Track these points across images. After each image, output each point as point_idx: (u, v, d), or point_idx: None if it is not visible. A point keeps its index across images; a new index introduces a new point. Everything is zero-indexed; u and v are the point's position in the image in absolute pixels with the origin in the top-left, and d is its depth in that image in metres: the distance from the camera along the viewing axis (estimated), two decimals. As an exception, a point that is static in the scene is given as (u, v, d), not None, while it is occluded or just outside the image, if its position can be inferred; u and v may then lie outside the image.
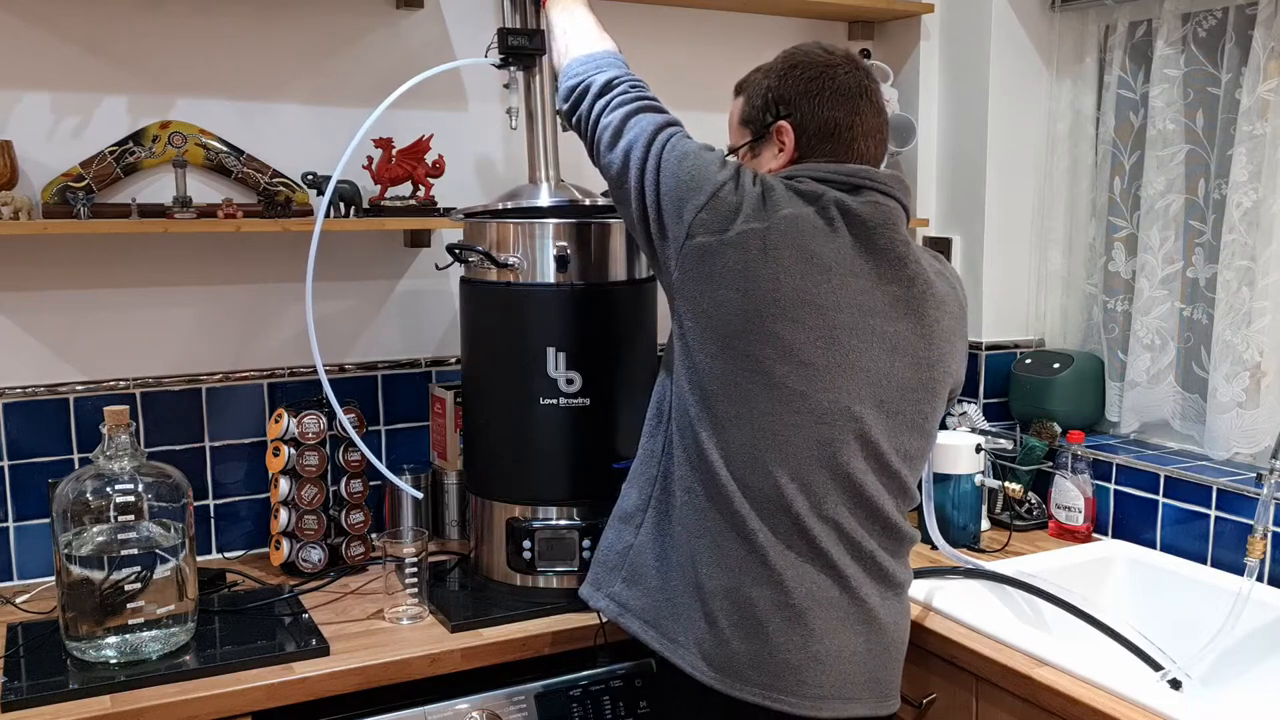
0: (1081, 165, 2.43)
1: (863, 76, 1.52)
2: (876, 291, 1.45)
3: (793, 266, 1.41)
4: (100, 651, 1.59)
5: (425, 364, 2.23)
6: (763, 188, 1.45)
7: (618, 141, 1.53)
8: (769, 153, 1.54)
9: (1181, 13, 2.17)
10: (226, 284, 2.06)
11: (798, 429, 1.42)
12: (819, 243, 1.43)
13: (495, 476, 1.86)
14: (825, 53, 1.53)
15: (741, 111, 1.58)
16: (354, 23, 2.09)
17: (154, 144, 1.93)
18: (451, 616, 1.74)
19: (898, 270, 1.47)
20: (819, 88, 1.49)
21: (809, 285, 1.42)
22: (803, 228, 1.43)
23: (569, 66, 1.64)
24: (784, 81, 1.52)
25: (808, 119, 1.50)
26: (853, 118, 1.49)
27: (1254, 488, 1.95)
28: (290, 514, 1.93)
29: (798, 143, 1.51)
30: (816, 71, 1.50)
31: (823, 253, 1.43)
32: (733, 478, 1.44)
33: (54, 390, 1.94)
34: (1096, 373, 2.37)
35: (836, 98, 1.49)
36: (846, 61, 1.52)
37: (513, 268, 1.78)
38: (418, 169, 2.05)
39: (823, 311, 1.42)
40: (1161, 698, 1.53)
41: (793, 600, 1.43)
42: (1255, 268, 2.05)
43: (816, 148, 1.50)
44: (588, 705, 1.73)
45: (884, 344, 1.45)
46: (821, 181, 1.46)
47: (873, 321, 1.45)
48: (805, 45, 1.56)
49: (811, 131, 1.50)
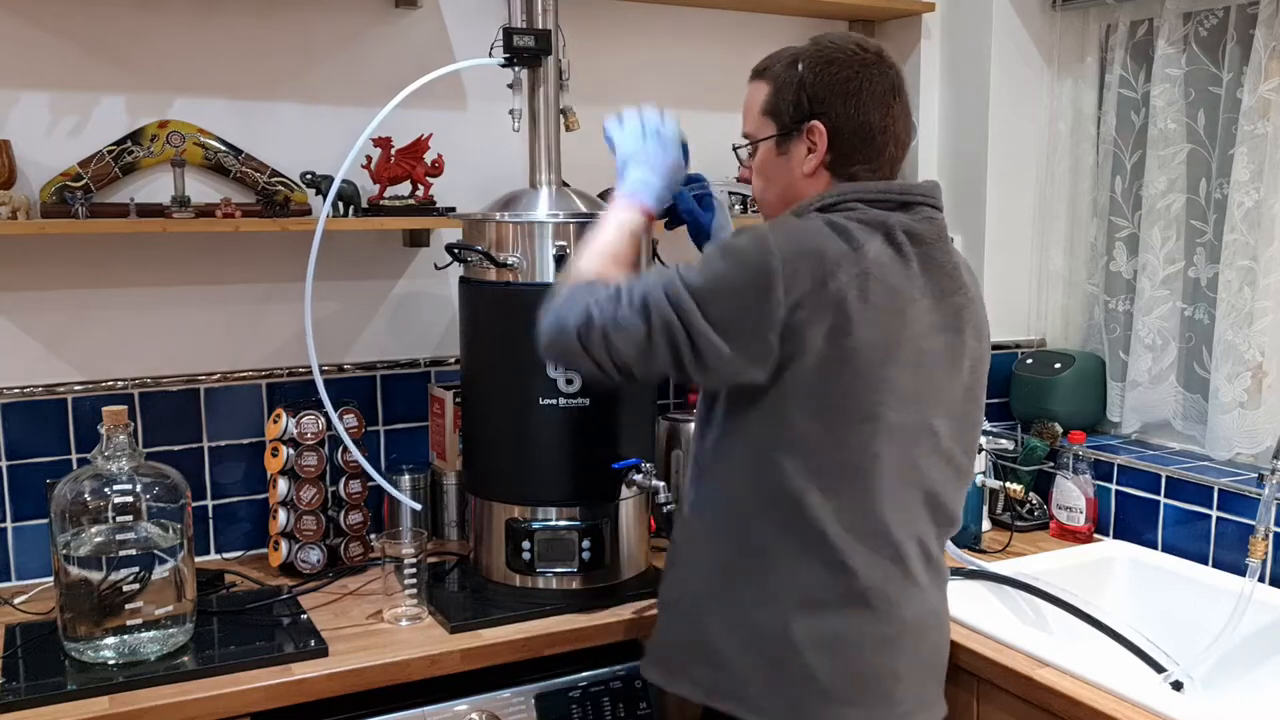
0: (1082, 165, 2.42)
1: (895, 75, 1.47)
2: (939, 307, 1.42)
3: (887, 306, 1.36)
4: (99, 652, 1.58)
5: (424, 364, 2.23)
6: (833, 229, 1.37)
7: (631, 313, 1.38)
8: (798, 151, 1.46)
9: (1183, 12, 2.17)
10: (225, 284, 2.06)
11: (899, 460, 1.39)
12: (898, 275, 1.38)
13: (494, 477, 1.85)
14: (860, 49, 1.46)
15: (767, 101, 1.49)
16: (352, 22, 2.09)
17: (152, 143, 1.92)
18: (451, 617, 1.73)
19: (952, 282, 1.44)
20: (856, 88, 1.43)
21: (901, 321, 1.37)
22: (885, 263, 1.37)
23: (567, 294, 1.45)
24: (820, 77, 1.44)
25: (843, 121, 1.43)
26: (886, 121, 1.45)
27: (1255, 488, 1.94)
28: (289, 515, 1.92)
29: (831, 145, 1.44)
30: (854, 70, 1.44)
31: (903, 285, 1.38)
32: (843, 527, 1.38)
33: (52, 390, 1.93)
34: (1098, 373, 2.37)
35: (873, 99, 1.43)
36: (880, 59, 1.46)
37: (512, 267, 1.77)
38: (416, 168, 2.04)
39: (912, 340, 1.38)
40: (1163, 699, 1.53)
41: (889, 626, 1.41)
42: (1257, 267, 2.05)
43: (850, 153, 1.44)
44: (587, 706, 1.72)
45: (950, 356, 1.43)
46: (875, 204, 1.41)
47: (942, 337, 1.42)
48: (835, 37, 1.49)
49: (847, 134, 1.44)
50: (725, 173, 2.40)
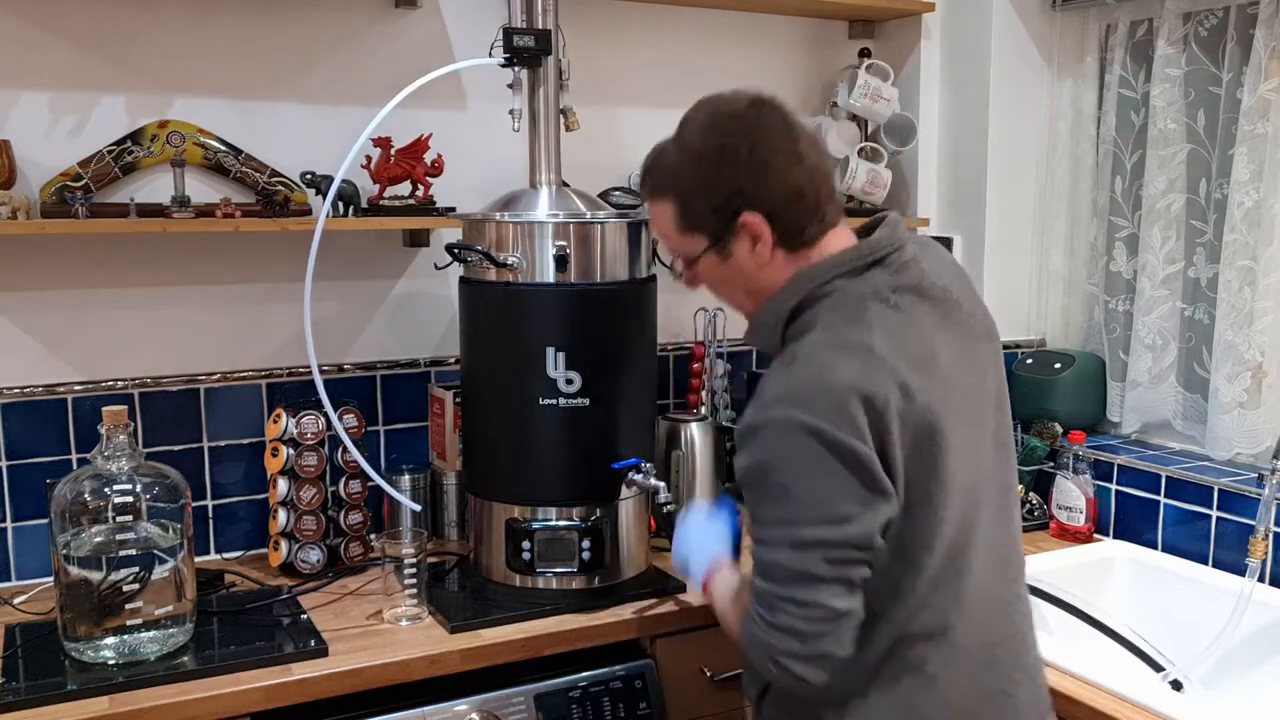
0: (1082, 165, 2.42)
1: (779, 113, 1.34)
2: (954, 340, 1.33)
3: (924, 386, 1.25)
4: (99, 652, 1.58)
5: (424, 364, 2.23)
6: (837, 349, 1.25)
7: (792, 621, 1.24)
8: (741, 250, 1.33)
9: (1182, 12, 2.17)
10: (225, 284, 2.05)
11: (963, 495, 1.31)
12: (913, 342, 1.28)
13: (494, 477, 1.85)
14: (732, 112, 1.33)
15: (680, 218, 1.36)
16: (352, 22, 2.09)
17: (152, 143, 1.92)
18: (451, 617, 1.73)
19: (946, 306, 1.34)
20: (763, 156, 1.30)
21: (936, 380, 1.27)
22: (897, 343, 1.26)
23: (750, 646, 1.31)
24: (722, 167, 1.31)
25: (771, 197, 1.30)
26: (805, 166, 1.31)
27: (1255, 488, 1.95)
28: (289, 515, 1.92)
29: (772, 226, 1.31)
30: (748, 139, 1.31)
31: (921, 346, 1.28)
32: (924, 602, 1.30)
33: (52, 390, 1.93)
34: (1098, 373, 2.37)
35: (783, 156, 1.31)
36: (757, 104, 1.34)
37: (512, 267, 1.77)
38: (416, 168, 2.04)
39: (947, 385, 1.29)
40: (1162, 699, 1.53)
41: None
42: (1257, 267, 2.05)
43: (793, 221, 1.32)
44: (587, 706, 1.72)
45: (978, 381, 1.36)
46: (852, 275, 1.31)
47: (965, 368, 1.34)
48: (705, 107, 1.37)
49: (781, 208, 1.31)
50: (725, 173, 2.41)
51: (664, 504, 1.80)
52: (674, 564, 1.60)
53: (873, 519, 1.22)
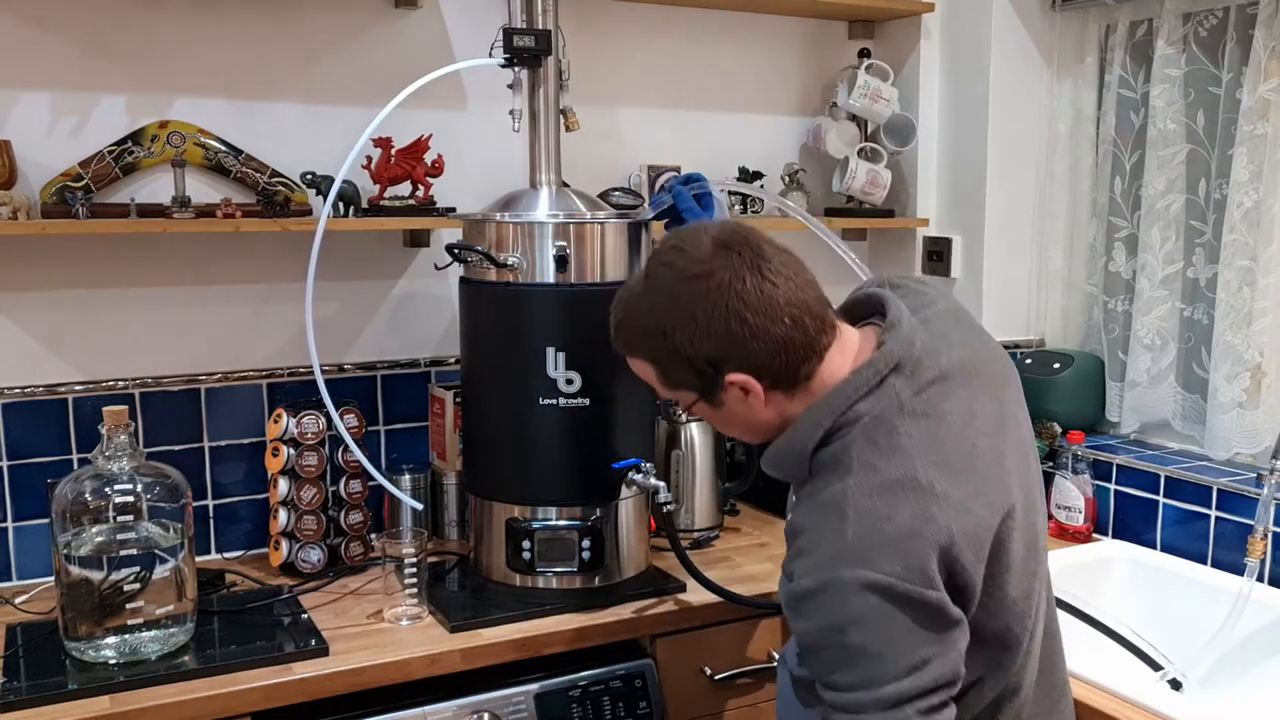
0: (1082, 165, 2.43)
1: (751, 251, 1.24)
2: (982, 406, 1.28)
3: (967, 484, 1.20)
4: (99, 652, 1.59)
5: (424, 364, 2.23)
6: (881, 492, 1.18)
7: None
8: (733, 398, 1.28)
9: (1182, 12, 2.17)
10: (225, 284, 2.06)
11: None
12: (949, 442, 1.22)
13: (495, 476, 1.86)
14: (697, 269, 1.24)
15: (663, 377, 1.31)
16: (352, 22, 2.09)
17: (152, 144, 1.93)
18: (451, 617, 1.74)
19: (966, 374, 1.28)
20: (738, 319, 1.22)
21: (986, 469, 1.23)
22: (937, 447, 1.21)
23: None
24: (697, 338, 1.24)
25: (754, 358, 1.24)
26: (785, 314, 1.23)
27: (1254, 488, 1.95)
28: (289, 514, 1.92)
29: (761, 378, 1.25)
30: (720, 302, 1.22)
31: (959, 443, 1.22)
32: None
33: (53, 390, 1.94)
34: (1097, 373, 2.37)
35: (760, 313, 1.22)
36: (724, 248, 1.24)
37: (512, 267, 1.77)
38: (417, 169, 2.05)
39: (986, 459, 1.25)
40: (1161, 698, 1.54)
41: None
42: (1256, 268, 2.05)
43: (785, 369, 1.25)
44: (587, 705, 1.72)
45: (1009, 431, 1.31)
46: (869, 394, 1.23)
47: (999, 428, 1.28)
48: (667, 263, 1.27)
49: (767, 363, 1.24)
50: (725, 172, 2.41)
51: (664, 504, 1.80)
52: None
53: (953, 653, 1.17)
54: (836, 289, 1.64)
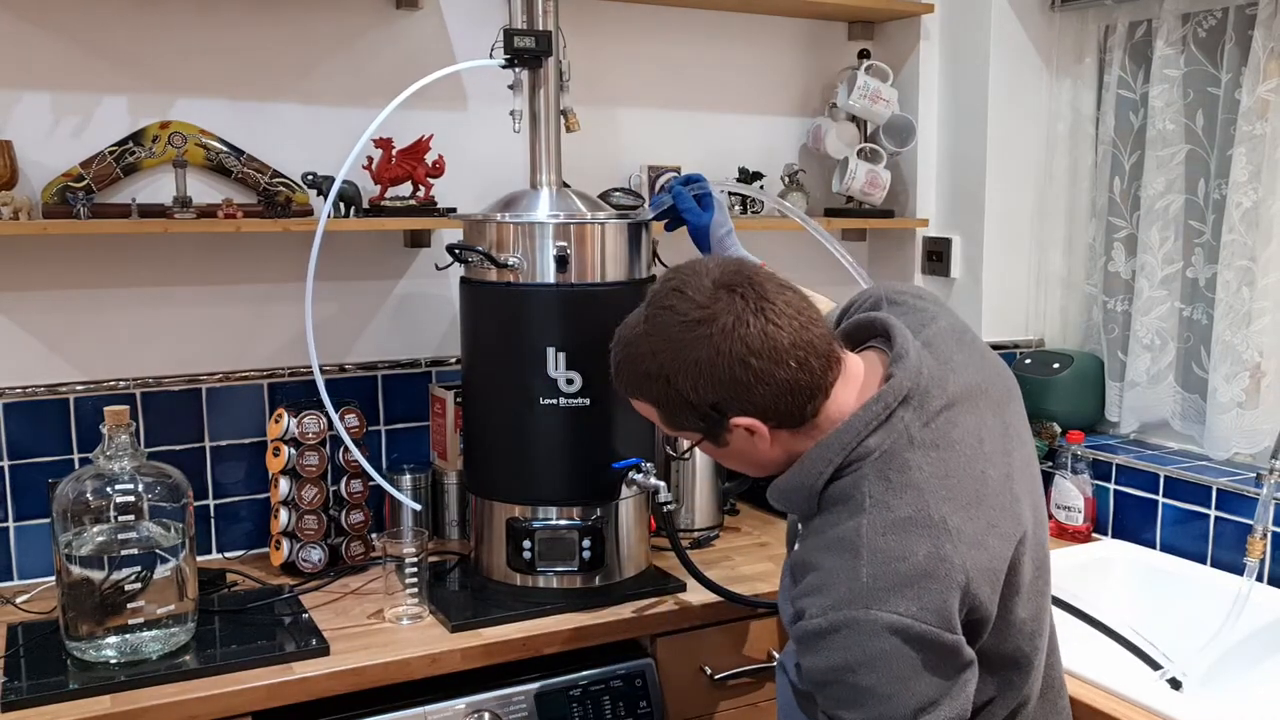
0: (1081, 165, 2.43)
1: (755, 291, 1.22)
2: (986, 423, 1.27)
3: (979, 517, 1.19)
4: (100, 651, 1.59)
5: (425, 364, 2.23)
6: (896, 529, 1.16)
7: None
8: (739, 439, 1.26)
9: (1181, 13, 2.17)
10: (226, 284, 2.06)
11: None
12: (959, 474, 1.20)
13: (495, 476, 1.86)
14: (698, 311, 1.21)
15: (668, 419, 1.29)
16: (353, 23, 2.09)
17: (154, 144, 1.93)
18: (451, 616, 1.74)
19: (972, 397, 1.27)
20: (741, 365, 1.19)
21: (997, 497, 1.22)
22: (947, 480, 1.19)
23: None
24: (700, 384, 1.21)
25: (758, 402, 1.22)
26: (788, 357, 1.20)
27: (1254, 488, 1.95)
28: (290, 514, 1.93)
29: (765, 420, 1.23)
30: (724, 350, 1.19)
31: (968, 473, 1.21)
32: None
33: (54, 390, 1.94)
34: (1096, 373, 2.37)
35: (764, 358, 1.19)
36: (727, 289, 1.21)
37: (513, 268, 1.78)
38: (417, 169, 2.05)
39: (1011, 499, 1.24)
40: (1161, 697, 1.54)
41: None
42: (1255, 268, 2.05)
43: (789, 412, 1.23)
44: (588, 705, 1.73)
45: (1015, 448, 1.30)
46: (879, 429, 1.21)
47: (1006, 449, 1.28)
48: (668, 306, 1.24)
49: (772, 407, 1.22)
50: (725, 173, 2.42)
51: (664, 504, 1.80)
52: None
53: (963, 696, 1.16)
54: (834, 289, 1.65)
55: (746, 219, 2.36)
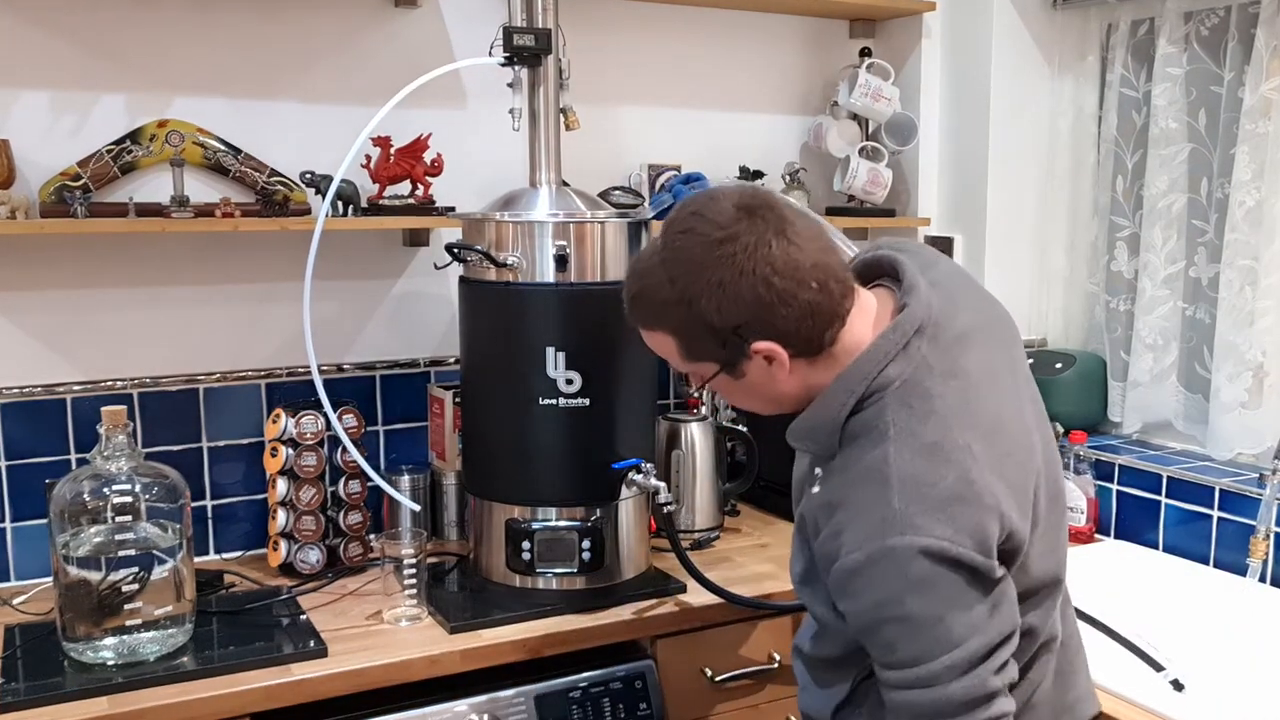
0: (1083, 164, 2.42)
1: (775, 214, 1.20)
2: (998, 364, 1.29)
3: (999, 445, 1.20)
4: (98, 653, 1.58)
5: (424, 364, 2.23)
6: (927, 454, 1.16)
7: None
8: (758, 369, 1.24)
9: (1184, 11, 2.17)
10: (224, 283, 2.05)
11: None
12: (977, 403, 1.21)
13: (494, 477, 1.85)
14: (720, 232, 1.19)
15: (685, 349, 1.26)
16: (352, 21, 2.09)
17: (151, 143, 1.92)
18: (450, 618, 1.73)
19: (981, 333, 1.30)
20: (765, 284, 1.18)
21: (1011, 428, 1.23)
22: (967, 409, 1.20)
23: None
24: (724, 304, 1.19)
25: (780, 323, 1.20)
26: (808, 277, 1.19)
27: (1257, 488, 1.95)
28: (288, 515, 1.92)
29: (786, 345, 1.21)
30: (746, 267, 1.18)
31: (984, 404, 1.22)
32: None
33: (51, 390, 1.93)
34: (1099, 373, 2.37)
35: (786, 277, 1.18)
36: (747, 212, 1.20)
37: (512, 267, 1.77)
38: (416, 168, 2.04)
39: (1022, 434, 1.25)
40: (1164, 699, 1.53)
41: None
42: (1258, 267, 2.05)
43: (810, 335, 1.22)
44: (587, 706, 1.72)
45: (1021, 389, 1.32)
46: (897, 359, 1.21)
47: (1014, 388, 1.29)
48: (689, 228, 1.21)
49: (794, 329, 1.21)
50: (725, 172, 2.41)
51: (664, 504, 1.80)
52: None
53: (1006, 603, 1.16)
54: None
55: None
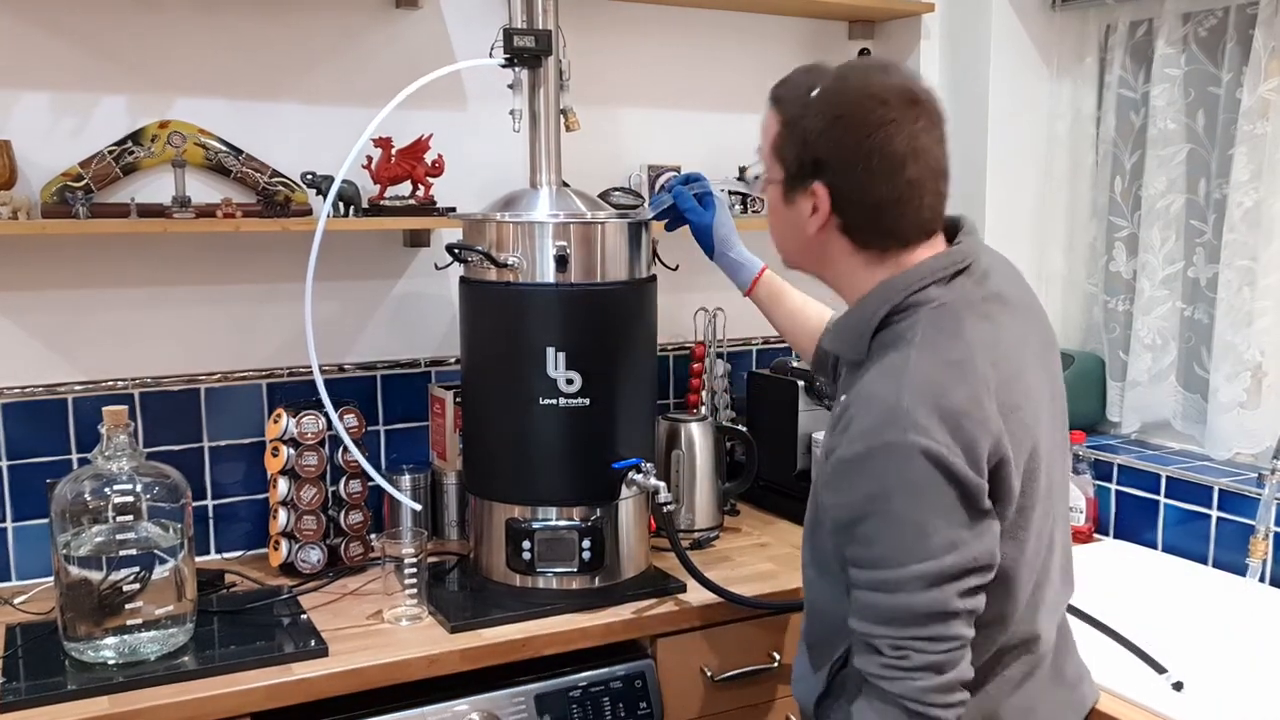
0: (1082, 165, 2.43)
1: (926, 121, 1.23)
2: (1033, 347, 1.31)
3: (1016, 394, 1.22)
4: (99, 652, 1.58)
5: (424, 364, 2.23)
6: (948, 366, 1.18)
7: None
8: (803, 207, 1.27)
9: (1182, 12, 2.17)
10: (225, 284, 2.06)
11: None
12: (1005, 352, 1.23)
13: (495, 477, 1.85)
14: (878, 101, 1.21)
15: (777, 139, 1.30)
16: (353, 22, 2.09)
17: (153, 143, 1.93)
18: (450, 617, 1.73)
19: (1024, 314, 1.33)
20: (864, 154, 1.21)
21: (1032, 397, 1.25)
22: (994, 348, 1.22)
23: None
24: (824, 134, 1.23)
25: (847, 191, 1.24)
26: (899, 189, 1.23)
27: (1255, 488, 1.95)
28: (289, 514, 1.92)
29: (836, 211, 1.25)
30: (863, 132, 1.21)
31: (1011, 358, 1.24)
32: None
33: (53, 390, 1.93)
34: (1097, 373, 2.37)
35: (883, 169, 1.21)
36: (909, 103, 1.22)
37: (512, 267, 1.77)
38: (417, 169, 2.05)
39: (1033, 402, 1.26)
40: (1164, 699, 1.53)
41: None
42: (1256, 267, 2.05)
43: (863, 225, 1.26)
44: (587, 706, 1.72)
45: (1051, 391, 1.33)
46: (940, 283, 1.25)
47: (1043, 374, 1.31)
48: (856, 77, 1.25)
49: (854, 205, 1.24)
50: (725, 172, 2.41)
51: (664, 504, 1.80)
52: None
53: (989, 537, 1.17)
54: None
55: (747, 218, 2.35)
